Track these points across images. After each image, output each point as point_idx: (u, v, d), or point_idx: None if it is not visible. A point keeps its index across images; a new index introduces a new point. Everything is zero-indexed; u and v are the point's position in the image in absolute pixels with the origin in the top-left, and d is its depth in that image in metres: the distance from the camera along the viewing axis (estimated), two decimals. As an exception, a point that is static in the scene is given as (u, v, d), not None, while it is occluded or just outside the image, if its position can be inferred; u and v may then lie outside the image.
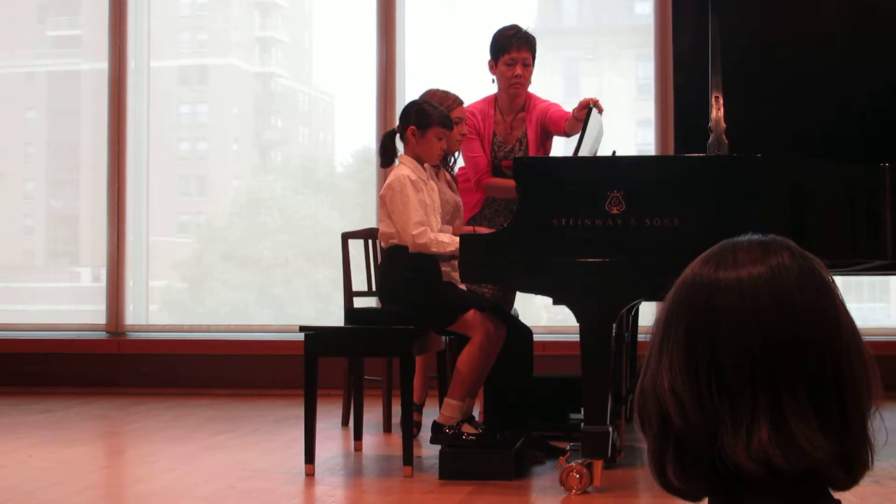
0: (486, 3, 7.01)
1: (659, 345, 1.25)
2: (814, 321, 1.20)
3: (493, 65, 4.80)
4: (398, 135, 4.27)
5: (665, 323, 1.26)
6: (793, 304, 1.20)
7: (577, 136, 4.20)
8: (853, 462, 1.20)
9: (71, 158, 7.70)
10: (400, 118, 4.29)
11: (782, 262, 1.23)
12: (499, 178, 4.77)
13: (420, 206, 4.07)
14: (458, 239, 3.88)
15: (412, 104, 4.30)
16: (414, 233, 4.03)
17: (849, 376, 1.19)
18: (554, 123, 4.78)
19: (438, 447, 3.96)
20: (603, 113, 4.51)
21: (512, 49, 4.72)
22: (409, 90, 6.66)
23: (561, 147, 5.31)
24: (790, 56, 4.25)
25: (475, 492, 3.67)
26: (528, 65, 4.76)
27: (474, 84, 5.04)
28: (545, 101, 4.91)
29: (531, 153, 4.82)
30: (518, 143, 4.85)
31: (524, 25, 4.82)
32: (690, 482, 1.23)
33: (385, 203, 4.13)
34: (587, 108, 4.33)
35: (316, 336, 4.04)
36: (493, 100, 4.87)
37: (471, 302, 4.10)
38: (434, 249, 4.04)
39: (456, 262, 3.90)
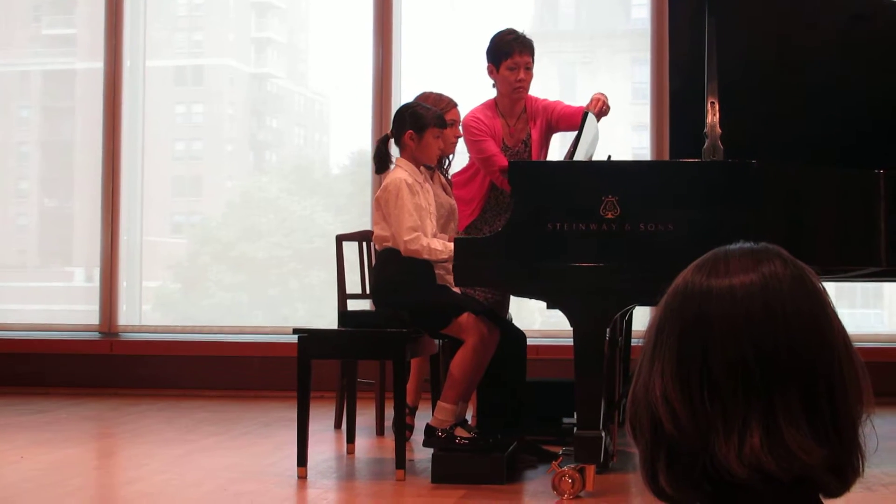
0: (482, 6, 7.02)
1: (651, 352, 1.26)
2: (805, 329, 1.20)
3: (494, 70, 4.75)
4: (392, 140, 4.27)
5: (657, 330, 1.26)
6: (784, 312, 1.20)
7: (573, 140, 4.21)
8: (845, 469, 1.21)
9: (65, 157, 7.69)
10: (394, 123, 4.28)
11: (774, 271, 1.23)
12: None
13: (415, 210, 4.07)
14: (451, 246, 3.88)
15: (405, 108, 4.29)
16: (406, 238, 4.03)
17: (840, 384, 1.20)
18: (566, 120, 4.76)
19: (431, 450, 3.96)
20: (609, 112, 4.57)
21: (514, 53, 4.70)
22: (405, 92, 6.66)
23: (556, 148, 5.30)
24: (786, 61, 4.25)
25: (467, 496, 3.66)
26: (530, 68, 4.75)
27: (470, 86, 5.03)
28: (542, 99, 4.90)
29: (535, 153, 4.80)
30: (523, 145, 4.84)
31: (519, 29, 4.82)
32: (682, 489, 1.23)
33: (381, 206, 4.13)
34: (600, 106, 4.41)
35: (309, 338, 4.03)
36: (493, 104, 4.84)
37: (465, 305, 4.10)
38: (426, 256, 4.04)
39: (450, 265, 3.90)
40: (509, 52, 4.70)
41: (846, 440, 1.20)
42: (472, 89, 5.02)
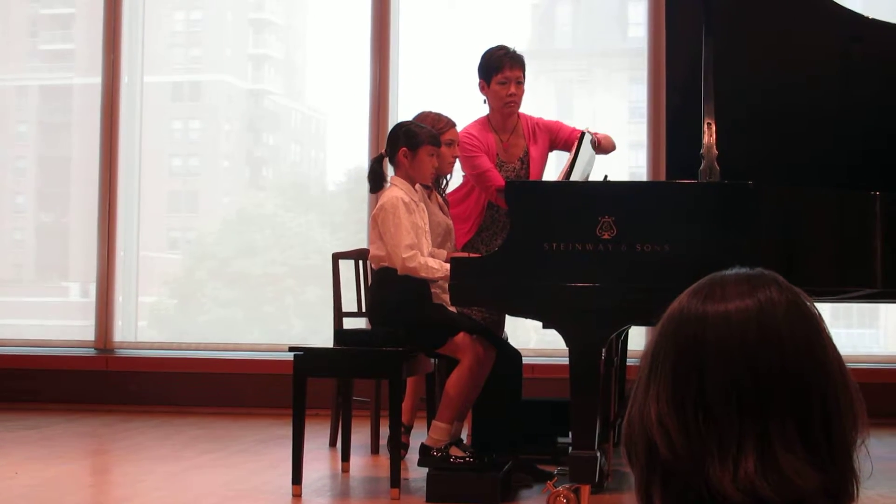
0: (479, 25, 7.04)
1: (647, 377, 1.26)
2: (801, 354, 1.20)
3: (485, 85, 4.77)
4: (387, 158, 4.27)
5: (653, 355, 1.26)
6: (780, 337, 1.20)
7: (572, 156, 4.22)
8: (840, 494, 1.20)
9: (62, 173, 7.70)
10: (388, 142, 4.29)
11: (770, 296, 1.23)
12: None
13: (412, 228, 4.07)
14: (447, 266, 3.88)
15: (399, 127, 4.30)
16: (404, 256, 4.03)
17: (835, 409, 1.20)
18: (573, 143, 4.77)
19: (426, 470, 3.95)
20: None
21: (504, 68, 4.72)
22: (402, 109, 6.67)
23: (552, 166, 5.30)
24: (783, 82, 4.26)
25: (462, 515, 3.66)
26: (521, 83, 4.76)
27: (467, 104, 5.04)
28: (537, 118, 4.91)
29: (534, 172, 4.80)
30: (520, 162, 4.84)
31: (511, 46, 4.83)
32: (677, 514, 1.23)
33: (377, 224, 4.13)
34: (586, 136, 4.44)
35: (305, 357, 4.03)
36: (486, 121, 4.85)
37: (460, 324, 4.10)
38: (423, 274, 4.04)
39: (446, 285, 3.90)
40: (499, 67, 4.72)
41: (841, 465, 1.20)
42: (468, 107, 5.02)
